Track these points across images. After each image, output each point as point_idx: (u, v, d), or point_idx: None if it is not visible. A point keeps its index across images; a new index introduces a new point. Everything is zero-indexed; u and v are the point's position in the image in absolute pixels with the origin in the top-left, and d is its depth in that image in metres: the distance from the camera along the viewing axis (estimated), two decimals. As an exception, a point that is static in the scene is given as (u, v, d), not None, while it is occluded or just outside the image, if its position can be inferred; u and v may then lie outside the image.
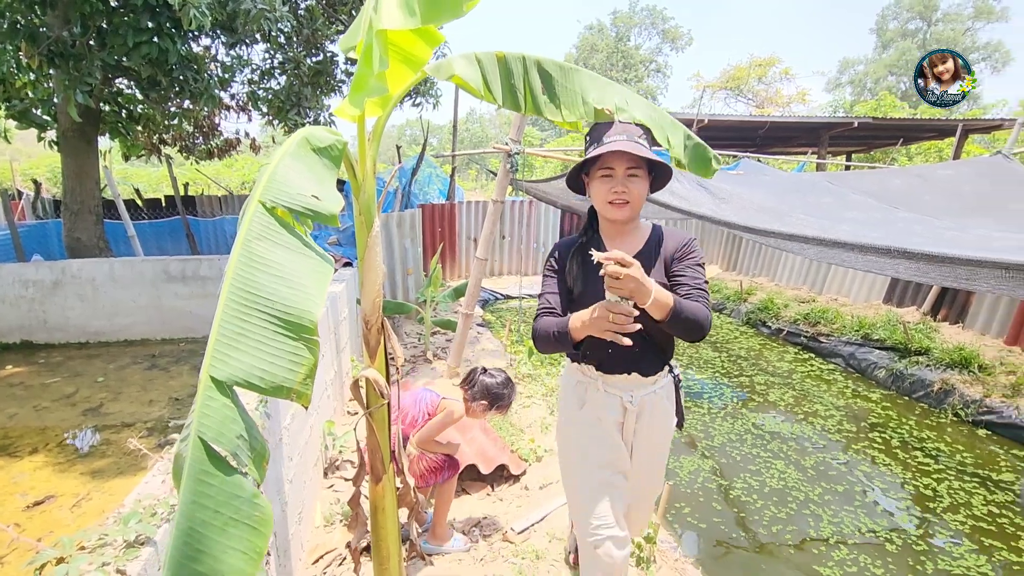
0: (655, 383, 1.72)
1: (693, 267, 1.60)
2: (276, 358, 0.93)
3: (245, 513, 0.85)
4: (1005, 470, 3.96)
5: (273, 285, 0.97)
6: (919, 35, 37.04)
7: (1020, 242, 2.61)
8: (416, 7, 1.05)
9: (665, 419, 1.77)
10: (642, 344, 1.64)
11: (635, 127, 1.57)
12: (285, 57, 6.82)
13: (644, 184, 1.58)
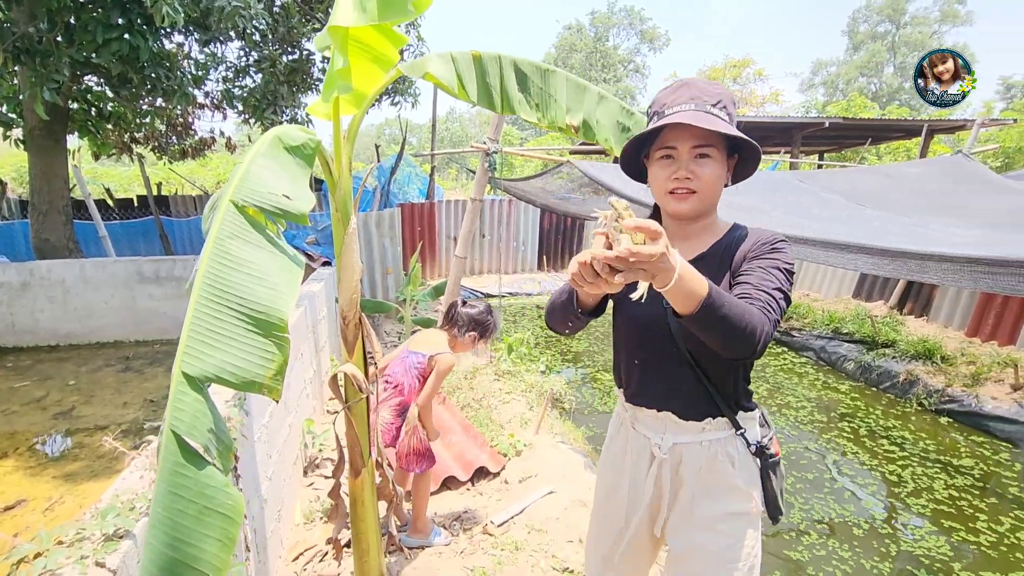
0: (703, 432, 1.26)
1: (767, 269, 1.13)
2: (247, 354, 0.96)
3: (218, 502, 0.88)
4: (965, 456, 4.13)
5: (245, 283, 1.00)
6: (888, 37, 38.05)
7: (977, 237, 2.73)
8: (367, 5, 1.09)
9: (727, 491, 1.25)
10: (676, 369, 1.25)
11: (712, 88, 1.19)
12: (260, 55, 6.75)
13: (718, 168, 1.17)
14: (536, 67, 1.61)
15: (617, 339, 1.41)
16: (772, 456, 1.28)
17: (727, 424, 1.26)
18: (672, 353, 1.25)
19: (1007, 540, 3.15)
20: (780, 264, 1.15)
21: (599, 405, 4.92)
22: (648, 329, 1.27)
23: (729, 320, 0.97)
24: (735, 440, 1.27)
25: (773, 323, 1.04)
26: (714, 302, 0.95)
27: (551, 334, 7.09)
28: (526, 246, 9.97)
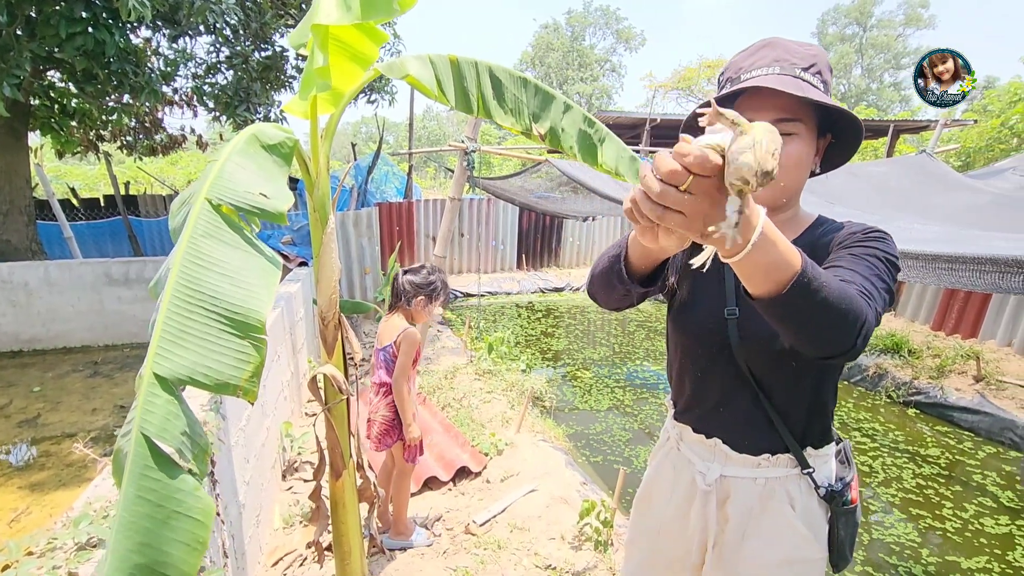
0: (758, 468, 1.08)
1: (861, 256, 0.90)
2: (222, 355, 0.94)
3: (188, 506, 0.87)
4: (931, 446, 4.28)
5: (219, 283, 0.98)
6: (856, 39, 39.04)
7: (934, 233, 2.83)
8: (351, 4, 1.07)
9: (784, 535, 1.07)
10: (732, 389, 1.08)
11: (804, 48, 0.96)
12: (232, 51, 6.60)
13: (805, 148, 0.95)
14: (510, 74, 1.62)
15: (670, 343, 1.22)
16: (847, 503, 1.08)
17: (791, 461, 1.06)
18: (727, 369, 1.06)
19: (971, 526, 3.27)
20: (880, 253, 0.91)
21: (580, 403, 4.95)
22: (702, 337, 1.08)
23: (828, 304, 0.70)
24: (800, 480, 1.06)
25: (875, 314, 0.79)
26: (811, 280, 0.68)
27: (531, 332, 7.11)
28: (505, 245, 9.98)
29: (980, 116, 15.88)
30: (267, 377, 2.92)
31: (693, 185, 0.56)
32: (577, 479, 3.16)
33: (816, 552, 1.08)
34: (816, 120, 0.96)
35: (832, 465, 1.10)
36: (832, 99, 0.94)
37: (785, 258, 0.66)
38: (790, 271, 0.67)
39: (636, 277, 0.89)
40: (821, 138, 1.00)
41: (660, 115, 11.94)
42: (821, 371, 1.03)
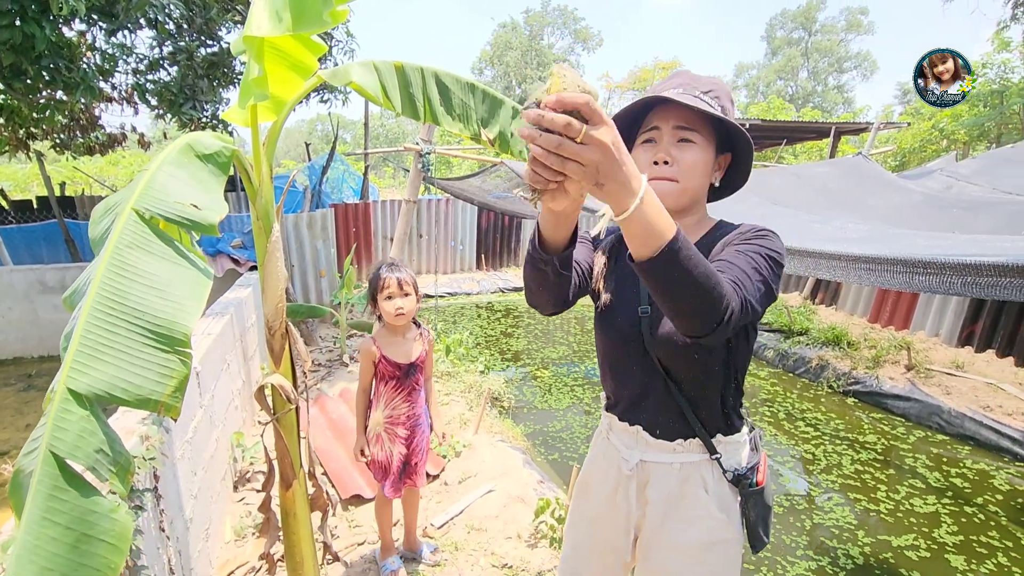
0: (674, 453, 1.16)
1: (744, 252, 0.99)
2: (144, 369, 0.93)
3: (101, 528, 0.84)
4: (868, 432, 4.53)
5: (144, 295, 0.96)
6: (802, 43, 40.73)
7: (866, 233, 3.00)
8: (282, 16, 1.07)
9: (701, 518, 1.15)
10: (647, 380, 1.16)
11: (708, 79, 1.08)
12: (175, 47, 6.34)
13: (701, 154, 1.04)
14: (456, 80, 1.64)
15: (598, 343, 1.31)
16: (753, 486, 1.16)
17: (701, 447, 1.15)
18: (644, 362, 1.15)
19: (903, 507, 3.49)
20: (761, 249, 0.99)
21: (539, 403, 5.01)
22: (621, 334, 1.17)
23: (693, 277, 0.78)
24: (711, 465, 1.15)
25: (743, 302, 0.88)
26: (680, 249, 0.77)
27: (491, 333, 7.14)
28: (464, 245, 9.97)
29: (913, 119, 16.85)
30: (216, 387, 2.84)
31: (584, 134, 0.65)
32: (534, 478, 3.21)
33: (731, 533, 1.16)
34: (715, 136, 1.07)
35: (745, 451, 1.19)
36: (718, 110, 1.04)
37: (661, 225, 0.76)
38: (664, 237, 0.76)
39: (552, 249, 0.92)
40: (721, 154, 1.11)
41: (616, 116, 12.15)
42: (726, 363, 1.12)
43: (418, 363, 2.19)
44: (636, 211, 0.72)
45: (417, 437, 2.24)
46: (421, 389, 2.25)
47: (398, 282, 2.08)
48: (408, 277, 2.12)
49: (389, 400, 2.19)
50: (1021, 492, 3.66)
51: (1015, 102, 12.50)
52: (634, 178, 0.71)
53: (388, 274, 2.10)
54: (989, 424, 4.23)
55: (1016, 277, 1.26)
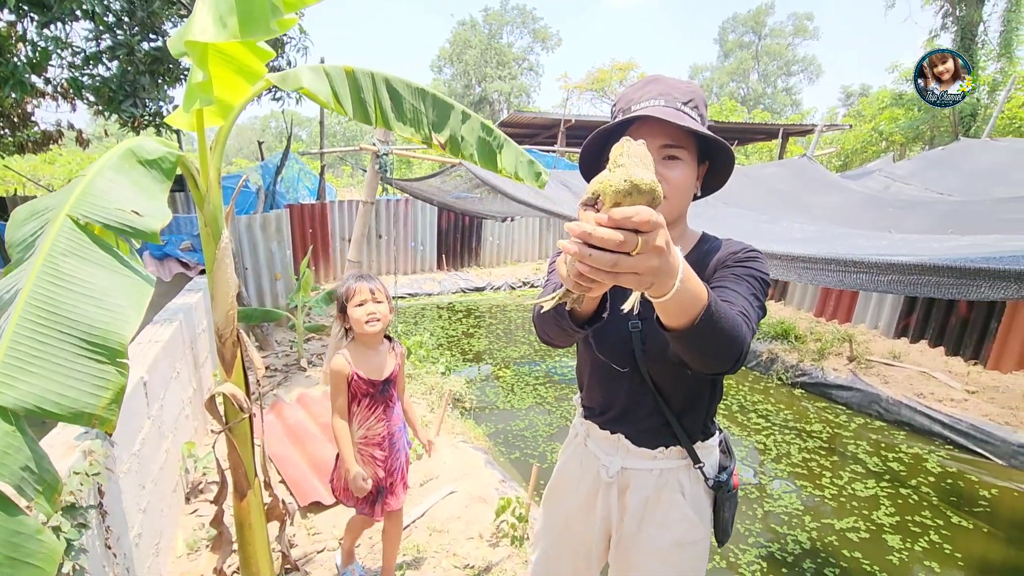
0: (654, 460, 1.20)
1: (741, 276, 1.04)
2: (77, 381, 0.89)
3: (26, 551, 0.80)
4: (815, 422, 4.76)
5: (79, 304, 0.93)
6: (752, 47, 42.13)
7: (810, 233, 3.16)
8: (228, 21, 1.04)
9: (676, 520, 1.19)
10: (635, 394, 1.19)
11: (684, 84, 1.09)
12: (115, 40, 6.04)
13: (688, 172, 1.06)
14: (407, 85, 1.64)
15: (581, 349, 1.30)
16: (730, 490, 1.22)
17: (681, 453, 1.19)
18: (633, 377, 1.16)
19: (845, 491, 3.69)
20: (755, 273, 1.05)
21: (501, 403, 5.03)
22: (611, 349, 1.17)
23: (724, 330, 0.80)
24: (690, 471, 1.20)
25: (752, 333, 0.92)
26: (715, 312, 0.77)
27: (452, 334, 7.12)
28: (424, 246, 9.89)
29: (855, 121, 17.70)
30: (165, 396, 2.75)
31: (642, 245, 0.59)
32: (496, 477, 3.24)
33: (702, 533, 1.22)
34: (696, 148, 1.08)
35: (716, 455, 1.25)
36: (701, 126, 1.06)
37: (697, 293, 0.74)
38: (700, 304, 0.75)
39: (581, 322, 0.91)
40: (700, 164, 1.13)
41: (575, 116, 12.31)
42: (713, 378, 1.18)
43: (392, 378, 2.05)
44: (677, 291, 0.68)
45: (393, 457, 2.08)
46: (396, 405, 2.10)
47: (370, 289, 1.96)
48: (380, 286, 2.00)
49: (363, 420, 2.02)
50: (951, 474, 3.93)
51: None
52: (675, 259, 0.67)
53: (358, 283, 1.97)
54: (922, 411, 4.51)
55: (935, 276, 1.37)
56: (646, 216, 0.58)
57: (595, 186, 0.62)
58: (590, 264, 0.60)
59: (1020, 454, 3.94)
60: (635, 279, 0.62)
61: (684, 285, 0.69)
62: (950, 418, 4.35)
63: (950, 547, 3.13)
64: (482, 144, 1.85)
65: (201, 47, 1.10)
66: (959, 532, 3.28)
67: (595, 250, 0.59)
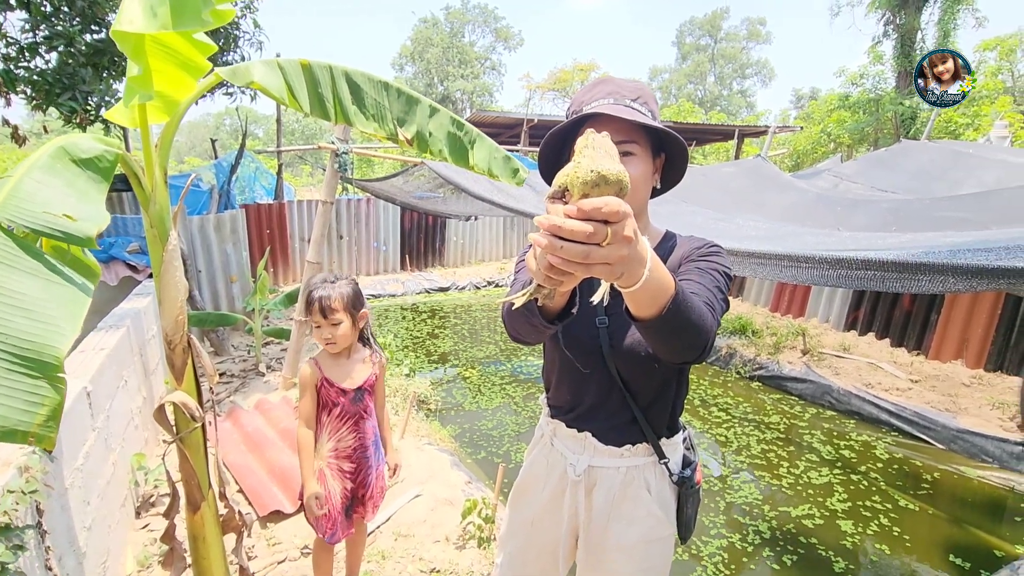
0: (621, 457, 1.20)
1: (705, 270, 1.05)
2: (8, 399, 0.84)
3: None
4: (772, 414, 4.92)
5: (9, 317, 0.87)
6: (709, 50, 43.26)
7: (764, 231, 3.26)
8: (158, 11, 0.99)
9: (642, 517, 1.20)
10: (603, 391, 1.19)
11: (631, 83, 1.11)
12: (52, 31, 5.72)
13: (644, 166, 1.06)
14: (369, 79, 1.60)
15: (548, 348, 1.30)
16: (694, 485, 1.23)
17: (647, 450, 1.20)
18: (601, 373, 1.17)
19: (802, 480, 3.82)
20: (718, 266, 1.06)
21: (468, 404, 5.00)
22: (578, 346, 1.17)
23: (690, 321, 0.81)
24: (656, 468, 1.21)
25: (717, 323, 0.94)
26: (683, 300, 0.79)
27: (416, 335, 7.04)
28: (388, 246, 9.75)
29: (805, 123, 18.40)
30: (111, 406, 2.61)
31: (612, 235, 0.59)
32: (462, 479, 3.21)
33: (668, 530, 1.23)
34: (650, 142, 1.09)
35: (681, 451, 1.26)
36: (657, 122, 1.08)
37: (666, 282, 0.75)
38: (668, 293, 0.76)
39: (551, 317, 0.91)
40: (656, 158, 1.13)
41: (537, 116, 12.36)
42: (680, 372, 1.19)
43: (367, 387, 1.93)
44: (646, 280, 0.68)
45: (365, 470, 1.96)
46: (371, 417, 1.98)
47: (321, 310, 1.80)
48: (339, 297, 1.82)
49: (334, 431, 1.90)
50: (897, 459, 4.12)
51: (888, 109, 13.98)
52: (643, 249, 0.68)
53: (317, 296, 1.81)
54: (870, 400, 4.72)
55: (879, 271, 1.43)
56: (615, 206, 0.58)
57: (562, 179, 0.62)
58: (561, 256, 0.60)
59: (958, 439, 4.17)
60: (606, 269, 0.62)
61: (653, 274, 0.70)
62: (896, 406, 4.57)
63: (899, 529, 3.28)
64: (452, 140, 1.79)
65: (135, 38, 1.04)
66: (906, 514, 3.45)
67: (566, 242, 0.59)
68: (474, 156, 1.79)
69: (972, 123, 13.07)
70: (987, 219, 3.11)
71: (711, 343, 0.88)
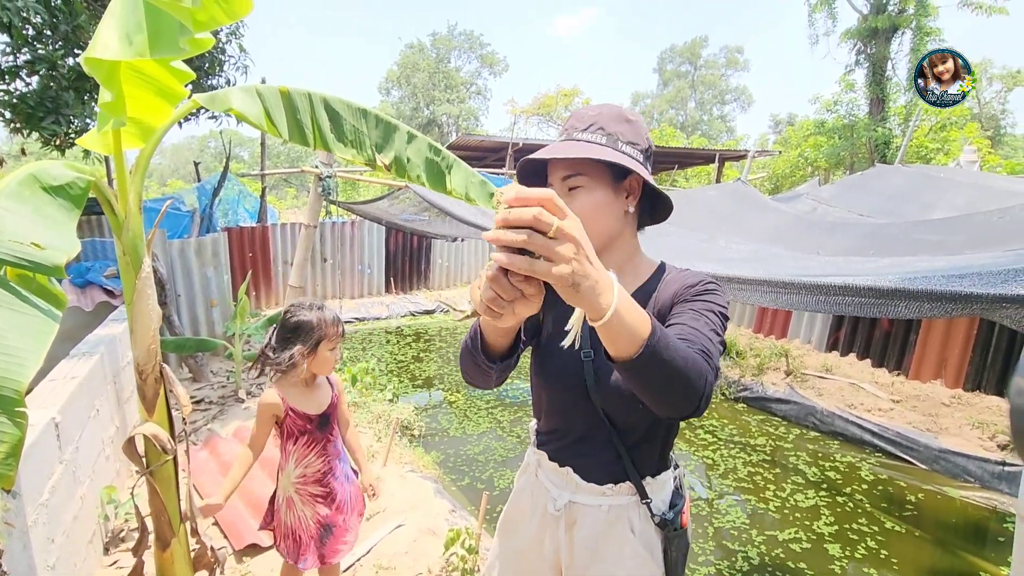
0: (603, 496, 1.15)
1: (700, 311, 0.98)
2: None
3: None
4: (757, 435, 4.92)
5: (-34, 349, 0.84)
6: (689, 76, 44.41)
7: (747, 253, 3.30)
8: (134, 39, 0.98)
9: (627, 557, 1.14)
10: (588, 427, 1.14)
11: (590, 110, 1.06)
12: (35, 55, 5.69)
13: (591, 195, 1.03)
14: (347, 105, 1.60)
15: (534, 385, 1.28)
16: (678, 529, 1.14)
17: (631, 489, 1.13)
18: (586, 408, 1.12)
19: (788, 503, 3.81)
20: (714, 307, 1.00)
21: (453, 430, 4.93)
22: (562, 379, 1.14)
23: (674, 367, 0.76)
24: (639, 507, 1.14)
25: (715, 371, 0.87)
26: (659, 343, 0.74)
27: (401, 359, 6.97)
28: (372, 269, 9.70)
29: (783, 147, 18.87)
30: (81, 437, 2.52)
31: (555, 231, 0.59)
32: (446, 507, 3.14)
33: (654, 571, 1.15)
34: (607, 168, 1.02)
35: (668, 490, 1.18)
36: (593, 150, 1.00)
37: (638, 323, 0.72)
38: (643, 333, 0.73)
39: (492, 357, 0.91)
40: (623, 180, 1.05)
41: (522, 139, 12.52)
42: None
43: (330, 410, 1.93)
44: (613, 315, 0.67)
45: (339, 490, 1.92)
46: (336, 439, 1.97)
47: (340, 333, 1.86)
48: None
49: (301, 458, 1.87)
50: (882, 480, 4.13)
51: (862, 135, 14.40)
52: (605, 274, 0.67)
53: (335, 327, 1.85)
54: (854, 420, 4.75)
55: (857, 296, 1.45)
56: (548, 193, 0.59)
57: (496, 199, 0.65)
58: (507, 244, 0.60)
59: (941, 459, 4.20)
60: (553, 270, 0.61)
61: (621, 307, 0.68)
62: (879, 427, 4.60)
63: (886, 552, 3.27)
64: (430, 165, 1.81)
65: (109, 64, 1.03)
66: (892, 536, 3.44)
67: (513, 255, 0.60)
68: (451, 181, 1.80)
69: (942, 148, 13.51)
70: (960, 242, 3.18)
71: (707, 395, 0.81)
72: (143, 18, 0.96)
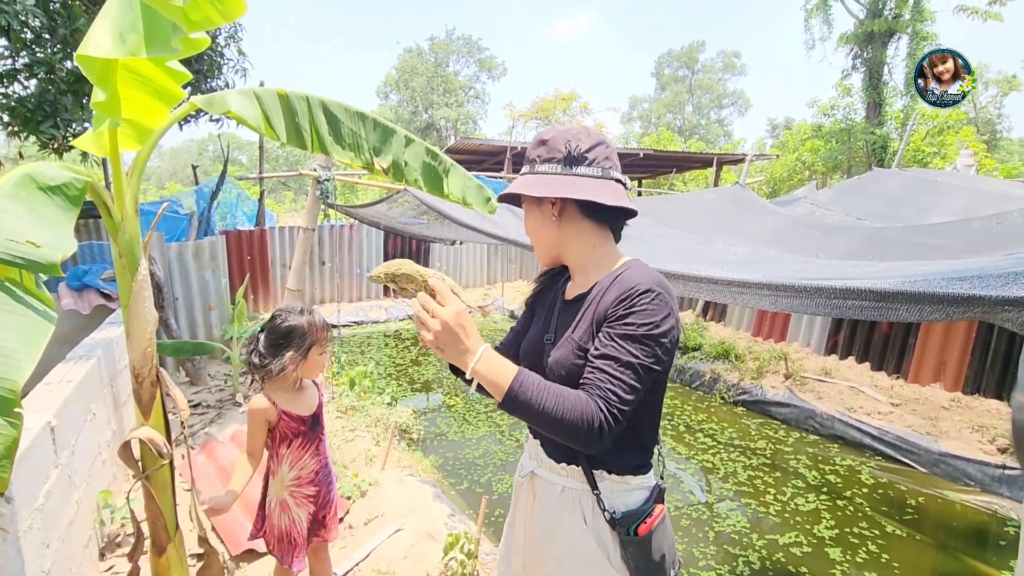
0: (560, 475, 1.18)
1: (619, 343, 1.00)
2: None
3: None
4: (757, 439, 4.90)
5: (-37, 349, 0.83)
6: (686, 81, 44.55)
7: (744, 256, 3.29)
8: (127, 38, 0.97)
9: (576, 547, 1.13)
10: None
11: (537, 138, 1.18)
12: (34, 58, 5.68)
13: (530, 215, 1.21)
14: (345, 109, 1.60)
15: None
16: (631, 534, 1.10)
17: (583, 475, 1.13)
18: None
19: (788, 507, 3.79)
20: (636, 331, 0.99)
21: (452, 434, 4.91)
22: (529, 356, 1.23)
23: (543, 412, 0.94)
24: (590, 497, 1.13)
25: (616, 412, 0.95)
26: (519, 395, 0.95)
27: (399, 362, 6.95)
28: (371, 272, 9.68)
29: (781, 151, 18.92)
30: (77, 441, 2.50)
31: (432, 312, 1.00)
32: (445, 512, 3.12)
33: (608, 571, 1.11)
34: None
35: (633, 497, 1.14)
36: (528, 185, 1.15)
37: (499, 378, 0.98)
38: (502, 388, 0.97)
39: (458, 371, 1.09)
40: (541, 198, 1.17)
41: (520, 143, 12.52)
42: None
43: (319, 411, 1.95)
44: (473, 372, 0.98)
45: (324, 490, 1.97)
46: (325, 437, 2.01)
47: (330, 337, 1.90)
48: None
49: (296, 460, 1.88)
50: (882, 484, 4.12)
51: (859, 139, 14.44)
52: (470, 351, 0.98)
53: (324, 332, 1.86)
54: (853, 424, 4.74)
55: (857, 299, 1.44)
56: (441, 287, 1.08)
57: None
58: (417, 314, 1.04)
59: (941, 462, 4.19)
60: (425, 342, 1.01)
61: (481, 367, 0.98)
62: (878, 430, 4.59)
63: (887, 556, 3.25)
64: (427, 169, 1.81)
65: (102, 63, 1.02)
66: (893, 540, 3.42)
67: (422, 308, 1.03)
68: (448, 185, 1.80)
69: (939, 152, 13.55)
70: (958, 246, 3.18)
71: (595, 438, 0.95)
72: (137, 17, 0.96)
